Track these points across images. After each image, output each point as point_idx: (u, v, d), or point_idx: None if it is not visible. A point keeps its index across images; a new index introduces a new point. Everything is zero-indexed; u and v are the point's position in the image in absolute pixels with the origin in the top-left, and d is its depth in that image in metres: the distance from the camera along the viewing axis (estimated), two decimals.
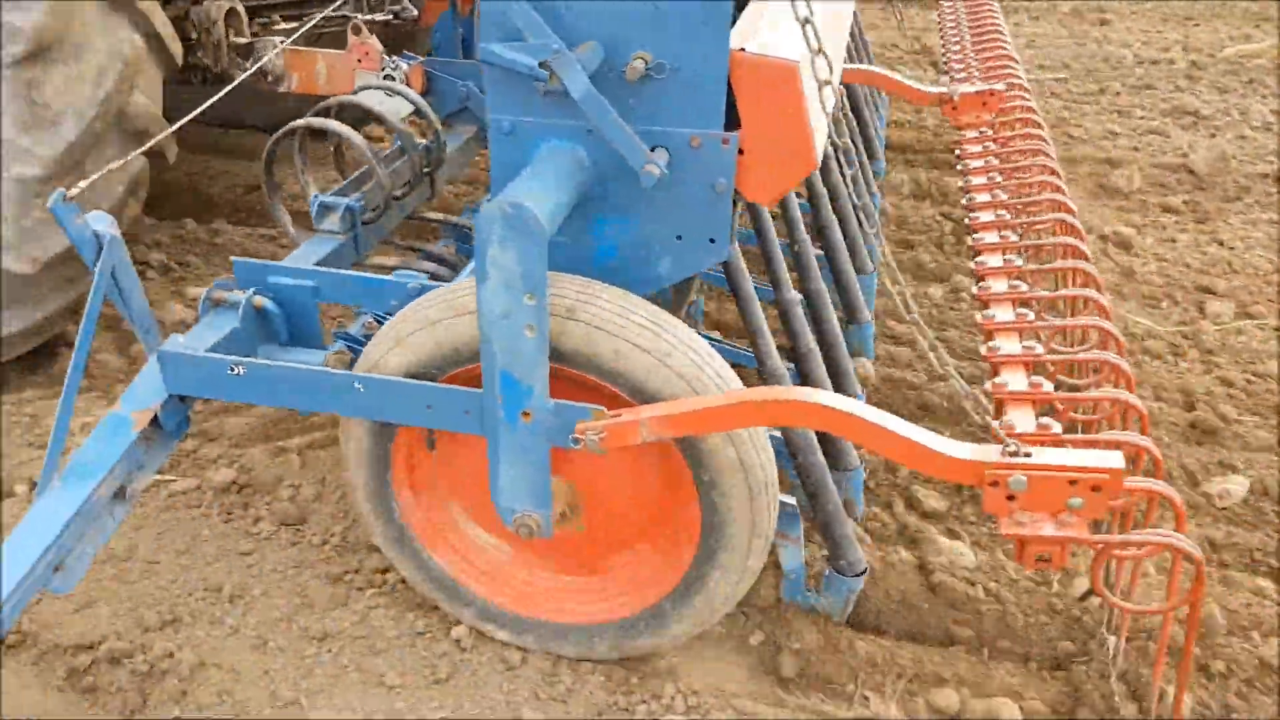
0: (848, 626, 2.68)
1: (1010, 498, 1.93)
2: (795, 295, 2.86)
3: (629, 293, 2.24)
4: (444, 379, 2.29)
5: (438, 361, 2.28)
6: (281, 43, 3.99)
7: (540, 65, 2.09)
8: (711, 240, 2.30)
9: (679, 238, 2.31)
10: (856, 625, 2.71)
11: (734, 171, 2.20)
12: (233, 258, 2.64)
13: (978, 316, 2.65)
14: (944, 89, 4.20)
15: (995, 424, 2.00)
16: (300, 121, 2.97)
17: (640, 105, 2.17)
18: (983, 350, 2.50)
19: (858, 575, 2.62)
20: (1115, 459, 1.89)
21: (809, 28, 1.94)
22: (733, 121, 2.18)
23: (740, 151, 2.19)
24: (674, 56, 2.11)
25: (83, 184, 2.40)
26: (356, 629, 2.67)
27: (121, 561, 2.88)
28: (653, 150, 2.19)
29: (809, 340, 2.83)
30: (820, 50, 1.95)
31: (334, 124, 2.96)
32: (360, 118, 3.46)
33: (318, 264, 2.79)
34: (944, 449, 1.96)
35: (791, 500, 2.57)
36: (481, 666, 2.57)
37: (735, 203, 2.36)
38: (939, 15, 5.89)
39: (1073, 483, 1.89)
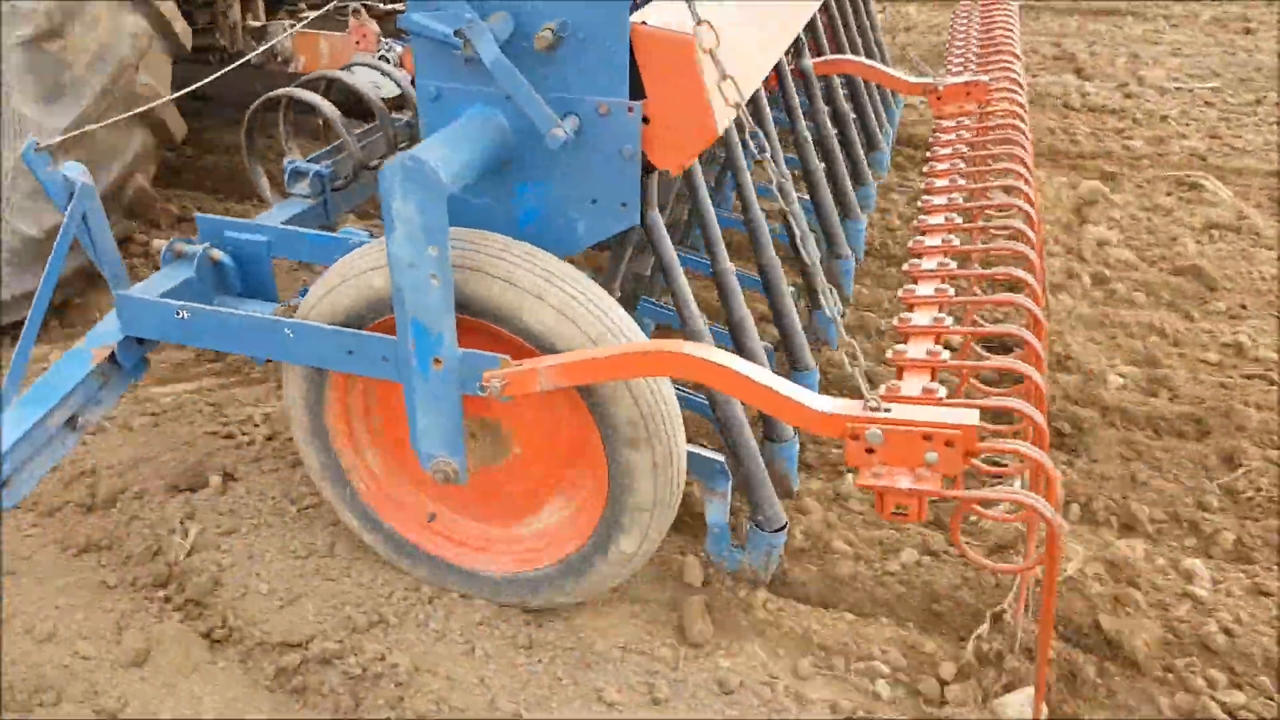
0: None
1: (870, 451, 2.02)
2: (729, 266, 2.96)
3: (542, 251, 2.37)
4: (372, 327, 2.44)
5: (365, 309, 2.42)
6: (291, 26, 4.22)
7: (455, 33, 2.25)
8: (623, 205, 2.42)
9: (594, 201, 2.43)
10: None
11: (640, 139, 2.32)
12: (196, 214, 2.83)
13: (899, 292, 2.73)
14: (929, 79, 4.27)
15: (864, 383, 2.09)
16: (280, 92, 3.16)
17: (552, 74, 2.31)
18: (894, 321, 2.59)
19: (776, 531, 2.72)
20: (969, 416, 1.97)
21: (692, 4, 2.05)
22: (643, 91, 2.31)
23: (646, 120, 2.32)
24: (579, 28, 2.24)
25: (57, 138, 2.62)
26: (564, 639, 2.61)
27: (322, 557, 2.86)
28: (565, 117, 2.32)
29: (740, 310, 2.93)
30: (700, 22, 2.07)
31: (307, 94, 3.14)
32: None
33: (284, 224, 2.97)
34: (808, 402, 2.06)
35: (719, 457, 2.68)
36: (699, 688, 2.49)
37: (653, 171, 2.48)
38: (954, 13, 5.92)
39: (927, 438, 1.97)
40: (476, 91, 2.37)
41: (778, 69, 3.90)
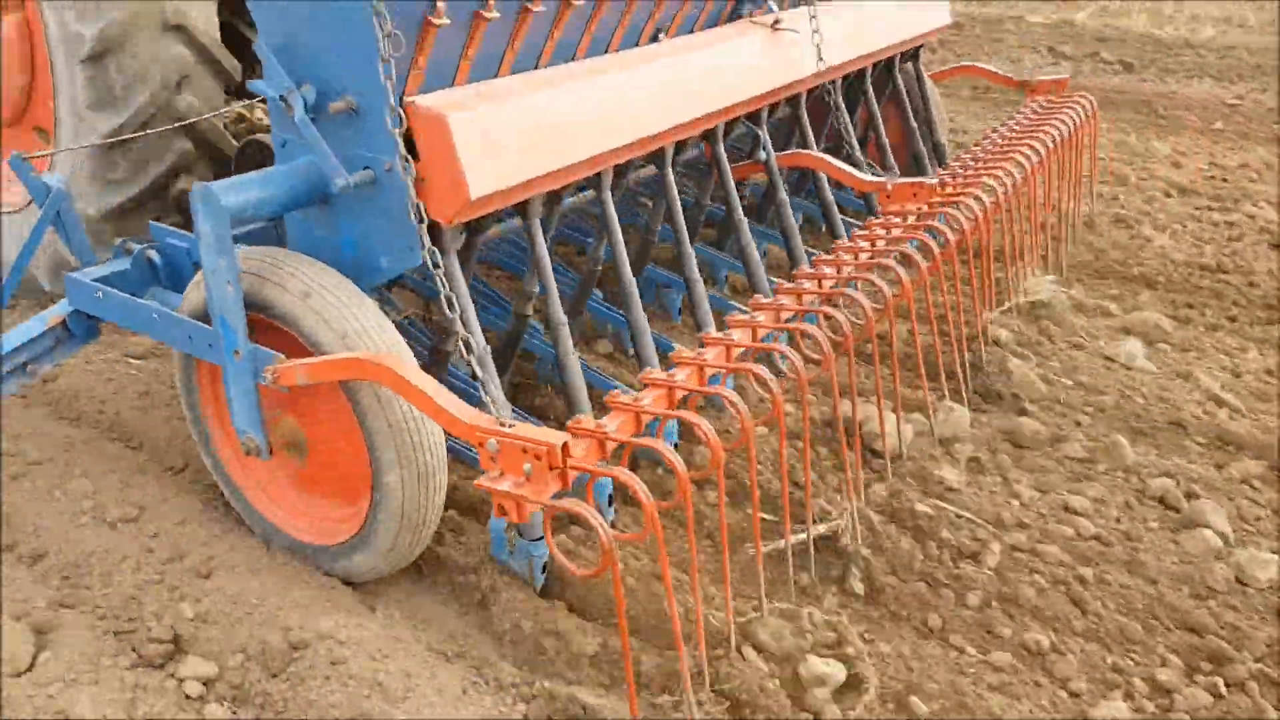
0: None
1: (491, 458, 2.44)
2: (562, 318, 3.41)
3: (324, 268, 2.92)
4: None
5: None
6: None
7: (280, 97, 2.87)
8: (409, 247, 2.94)
9: (389, 241, 2.98)
10: None
11: (415, 193, 2.85)
12: (150, 222, 3.58)
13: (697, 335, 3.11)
14: (883, 178, 4.56)
15: (492, 405, 2.51)
16: (255, 138, 3.91)
17: (353, 135, 2.89)
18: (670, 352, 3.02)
19: (534, 540, 3.11)
20: (557, 437, 2.35)
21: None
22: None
23: (423, 179, 2.86)
24: (364, 101, 2.82)
25: (45, 152, 3.44)
26: None
27: None
28: (364, 169, 2.90)
29: (565, 354, 3.38)
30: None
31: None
32: None
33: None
34: (455, 412, 2.49)
35: None
36: None
37: (436, 224, 2.98)
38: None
39: (524, 451, 2.37)
40: (308, 144, 2.98)
41: (717, 161, 4.32)
